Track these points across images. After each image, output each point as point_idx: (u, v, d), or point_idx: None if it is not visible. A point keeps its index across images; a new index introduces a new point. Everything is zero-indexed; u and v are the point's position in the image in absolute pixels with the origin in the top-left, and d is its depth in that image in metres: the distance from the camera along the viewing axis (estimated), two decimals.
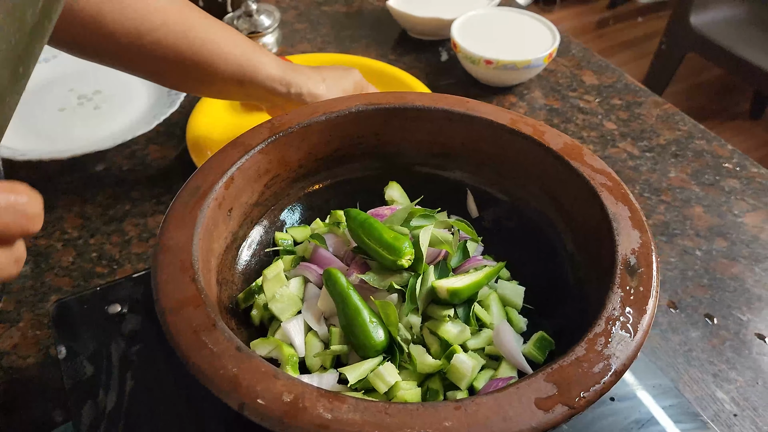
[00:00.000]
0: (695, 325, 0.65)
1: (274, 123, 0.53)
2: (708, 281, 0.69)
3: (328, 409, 0.35)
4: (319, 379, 0.44)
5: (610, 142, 0.87)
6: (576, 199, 0.50)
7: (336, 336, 0.47)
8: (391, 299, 0.47)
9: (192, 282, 0.41)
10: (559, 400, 0.36)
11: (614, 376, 0.37)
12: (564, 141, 0.52)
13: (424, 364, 0.45)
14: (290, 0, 1.19)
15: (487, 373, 0.45)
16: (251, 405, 0.35)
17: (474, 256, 0.52)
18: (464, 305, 0.47)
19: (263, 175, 0.53)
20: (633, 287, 0.41)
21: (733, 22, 2.01)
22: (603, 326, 0.39)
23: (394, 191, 0.57)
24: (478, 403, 0.35)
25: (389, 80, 0.92)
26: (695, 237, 0.74)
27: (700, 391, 0.59)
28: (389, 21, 1.11)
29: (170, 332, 0.39)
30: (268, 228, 0.55)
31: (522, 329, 0.49)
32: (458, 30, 0.96)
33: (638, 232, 0.44)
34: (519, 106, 0.94)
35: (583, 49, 1.07)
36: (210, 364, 0.37)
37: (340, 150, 0.57)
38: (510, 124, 0.53)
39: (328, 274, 0.47)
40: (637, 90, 0.97)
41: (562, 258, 0.51)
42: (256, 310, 0.49)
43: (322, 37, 1.09)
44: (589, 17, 2.98)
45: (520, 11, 1.02)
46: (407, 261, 0.46)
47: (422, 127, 0.56)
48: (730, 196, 0.80)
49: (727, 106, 2.45)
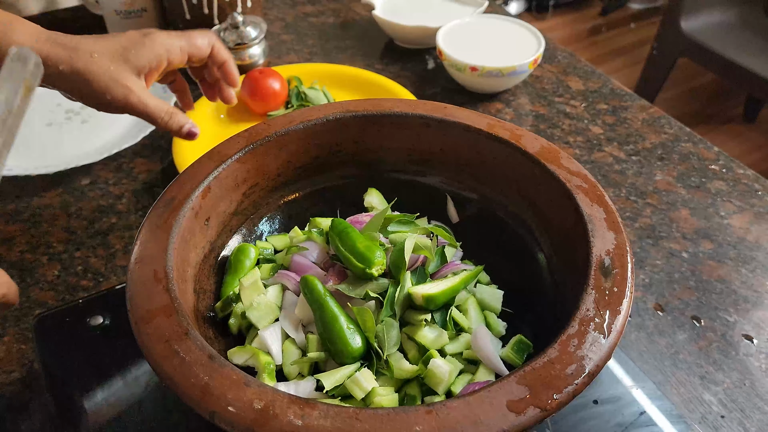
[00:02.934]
0: (682, 327, 0.65)
1: (251, 132, 0.54)
2: (695, 283, 0.69)
3: (299, 416, 0.35)
4: (296, 387, 0.44)
5: (596, 147, 0.88)
6: (552, 201, 0.50)
7: (313, 343, 0.47)
8: (369, 306, 0.47)
9: (165, 291, 0.41)
10: (531, 402, 0.35)
11: (587, 377, 0.37)
12: (541, 144, 0.52)
13: (401, 370, 0.45)
14: (277, 11, 1.19)
15: (465, 378, 0.45)
16: (221, 413, 0.35)
17: (452, 261, 0.51)
18: (441, 310, 0.47)
19: (241, 185, 0.53)
20: (607, 288, 0.41)
21: (724, 27, 2.02)
22: (576, 327, 0.39)
23: (374, 198, 0.57)
24: (450, 407, 0.35)
25: (376, 89, 0.92)
26: (682, 239, 0.74)
27: (687, 393, 0.59)
28: (375, 31, 1.12)
29: (142, 341, 0.39)
30: (246, 236, 0.55)
31: (500, 333, 0.49)
32: (444, 38, 0.96)
33: (613, 234, 0.44)
34: (505, 113, 0.94)
35: (569, 55, 1.07)
36: (181, 373, 0.37)
37: (319, 158, 0.57)
38: (487, 128, 0.53)
39: (305, 281, 0.47)
40: (623, 94, 0.98)
41: (539, 261, 0.51)
42: (234, 318, 0.49)
43: (308, 47, 1.10)
44: (581, 24, 2.99)
45: (506, 18, 1.02)
46: (377, 270, 0.47)
47: (400, 134, 0.56)
48: (716, 198, 0.79)
49: (721, 111, 2.45)
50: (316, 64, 0.99)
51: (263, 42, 0.99)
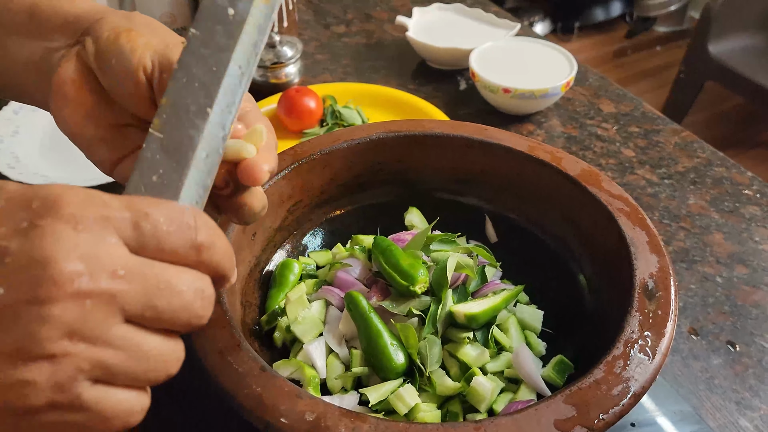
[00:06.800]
0: (717, 352, 0.64)
1: (297, 150, 0.55)
2: (729, 308, 0.69)
3: (350, 429, 0.35)
4: (340, 401, 0.45)
5: (628, 169, 0.88)
6: (594, 224, 0.50)
7: (357, 358, 0.47)
8: (412, 323, 0.48)
9: (217, 304, 0.42)
10: (578, 422, 0.36)
11: (633, 398, 0.37)
12: (581, 167, 0.53)
13: (443, 387, 0.45)
14: (311, 32, 1.22)
15: (507, 396, 0.46)
16: (275, 424, 0.36)
17: (492, 281, 0.52)
18: (483, 328, 0.48)
19: (286, 201, 0.55)
20: (651, 311, 0.42)
21: (752, 51, 2.02)
22: (621, 349, 0.39)
23: (414, 216, 0.58)
24: (498, 424, 0.36)
25: (409, 109, 0.94)
26: (715, 264, 0.74)
27: (722, 419, 0.59)
28: (408, 51, 1.14)
29: (197, 352, 0.40)
30: (290, 252, 0.57)
31: (541, 353, 0.50)
32: (477, 59, 0.98)
33: (656, 257, 0.45)
34: (537, 134, 0.95)
35: (600, 77, 1.08)
36: (235, 383, 0.38)
37: (362, 176, 0.58)
38: (528, 150, 0.54)
39: (350, 297, 0.48)
40: (655, 118, 0.98)
41: (580, 282, 0.52)
42: (279, 332, 0.50)
43: (342, 67, 1.12)
44: (607, 47, 3.00)
45: (538, 41, 1.03)
46: (420, 288, 0.47)
47: (442, 154, 0.58)
48: (750, 223, 0.79)
49: (749, 136, 2.44)
50: (350, 83, 1.01)
51: (299, 61, 1.01)
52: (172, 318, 0.28)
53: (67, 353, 0.25)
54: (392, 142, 0.57)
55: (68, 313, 0.25)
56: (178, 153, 0.31)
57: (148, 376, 0.27)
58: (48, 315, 0.24)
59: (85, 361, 0.25)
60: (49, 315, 0.24)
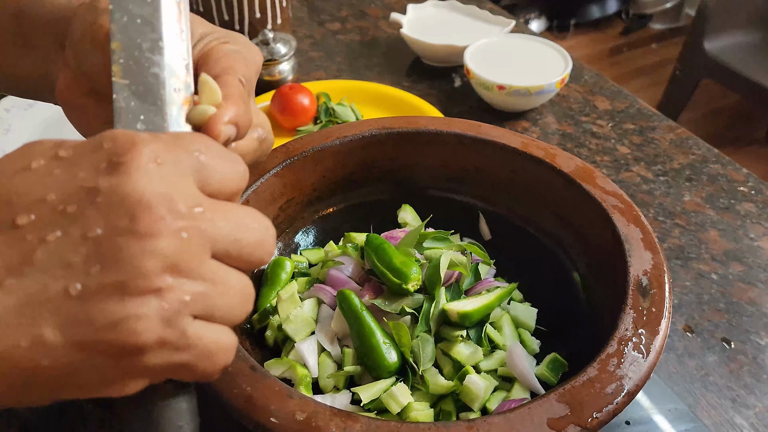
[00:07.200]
0: (712, 349, 0.64)
1: (289, 147, 0.54)
2: (724, 305, 0.69)
3: (341, 429, 0.35)
4: (332, 400, 0.45)
5: (623, 167, 0.88)
6: (588, 221, 0.50)
7: (349, 357, 0.47)
8: (404, 321, 0.47)
9: None
10: (572, 420, 0.36)
11: (627, 396, 0.37)
12: (575, 164, 0.52)
13: (436, 385, 0.45)
14: (305, 29, 1.21)
15: (500, 395, 0.45)
16: (265, 424, 0.35)
17: (486, 278, 0.52)
18: (476, 327, 0.47)
19: (278, 198, 0.54)
20: (645, 308, 0.41)
21: (748, 48, 2.02)
22: (615, 347, 0.39)
23: (408, 214, 0.58)
24: (491, 423, 0.35)
25: (404, 106, 0.93)
26: (711, 261, 0.74)
27: (718, 416, 0.58)
28: (403, 48, 1.13)
29: None
30: (282, 250, 0.56)
31: (535, 351, 0.49)
32: (471, 56, 0.97)
33: (650, 254, 0.45)
34: (532, 131, 0.94)
35: (595, 74, 1.08)
36: (224, 383, 0.37)
37: (354, 174, 0.58)
38: (522, 147, 0.54)
39: (342, 295, 0.48)
40: (651, 115, 0.98)
41: (574, 280, 0.51)
42: (270, 330, 0.50)
43: (336, 65, 1.11)
44: (602, 44, 3.00)
45: (533, 38, 1.03)
46: (413, 286, 0.47)
47: (435, 151, 0.57)
48: (745, 220, 0.79)
49: (745, 133, 2.44)
50: (344, 80, 1.00)
51: (292, 59, 1.01)
52: (251, 253, 0.28)
53: (171, 287, 0.24)
54: (385, 139, 0.56)
55: (170, 247, 0.24)
56: (151, 95, 0.31)
57: (236, 311, 0.27)
58: (151, 249, 0.24)
59: (187, 295, 0.25)
60: (153, 249, 0.24)
